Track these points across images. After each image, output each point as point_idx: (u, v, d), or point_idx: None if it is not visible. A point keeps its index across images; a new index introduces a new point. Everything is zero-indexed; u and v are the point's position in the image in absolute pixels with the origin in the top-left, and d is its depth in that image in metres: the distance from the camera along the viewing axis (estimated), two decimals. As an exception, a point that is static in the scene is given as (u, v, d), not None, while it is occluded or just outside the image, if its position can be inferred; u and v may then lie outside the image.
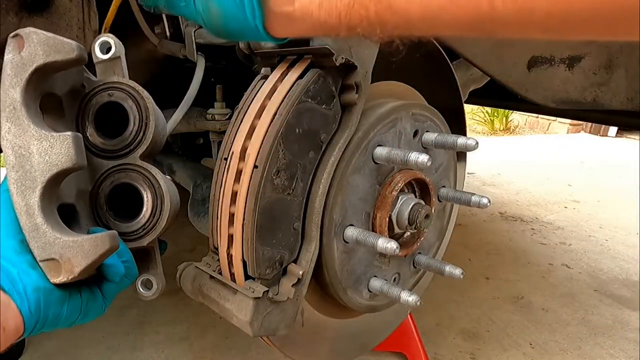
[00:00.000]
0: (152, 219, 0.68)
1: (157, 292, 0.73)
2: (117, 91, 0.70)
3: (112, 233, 0.57)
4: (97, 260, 0.55)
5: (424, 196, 0.95)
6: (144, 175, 0.69)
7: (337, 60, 0.68)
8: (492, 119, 7.67)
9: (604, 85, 1.32)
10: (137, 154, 0.69)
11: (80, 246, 0.55)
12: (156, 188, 0.68)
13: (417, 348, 1.59)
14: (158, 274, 0.74)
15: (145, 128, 0.69)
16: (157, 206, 0.68)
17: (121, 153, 0.70)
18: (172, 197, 0.69)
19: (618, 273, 2.48)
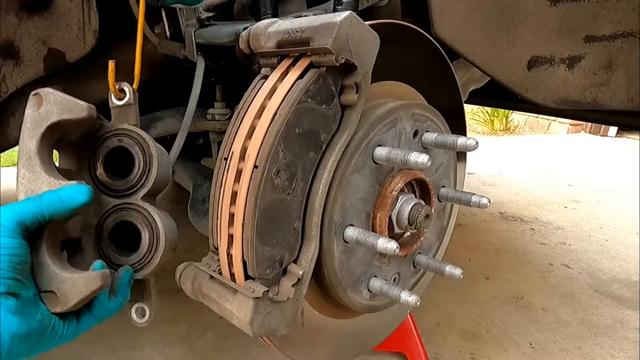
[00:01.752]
0: (148, 255, 0.75)
1: (149, 320, 0.79)
2: (126, 137, 0.78)
3: (104, 273, 0.64)
4: (89, 296, 0.62)
5: (424, 196, 0.95)
6: (143, 215, 0.76)
7: (337, 60, 0.68)
8: (492, 119, 7.68)
9: (604, 85, 1.32)
10: (139, 195, 0.77)
11: (75, 282, 0.62)
12: (153, 227, 0.75)
13: (417, 348, 1.59)
14: (151, 304, 0.80)
15: (149, 172, 0.77)
16: (153, 244, 0.75)
17: (126, 193, 0.77)
18: (168, 235, 0.76)
19: (618, 273, 2.48)
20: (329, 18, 0.68)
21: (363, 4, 1.02)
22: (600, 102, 1.33)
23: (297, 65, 0.73)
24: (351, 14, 0.68)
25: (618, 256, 2.70)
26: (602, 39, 1.27)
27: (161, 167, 0.78)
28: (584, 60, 1.28)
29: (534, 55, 1.22)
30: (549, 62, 1.25)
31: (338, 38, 0.67)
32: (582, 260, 2.63)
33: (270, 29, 0.75)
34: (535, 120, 7.71)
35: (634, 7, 1.24)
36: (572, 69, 1.28)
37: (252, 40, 0.77)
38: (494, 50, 1.17)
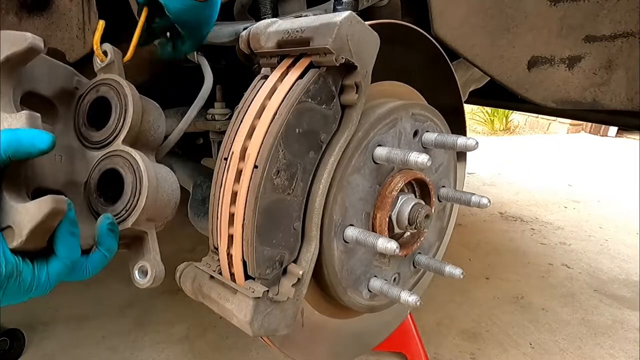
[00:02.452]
0: (133, 199, 0.70)
1: (152, 278, 0.72)
2: (103, 86, 0.77)
3: (59, 197, 0.58)
4: (42, 221, 0.56)
5: (424, 196, 0.95)
6: (125, 158, 0.72)
7: (337, 60, 0.68)
8: (492, 119, 7.68)
9: (604, 85, 1.32)
10: (119, 140, 0.74)
11: (27, 209, 0.57)
12: (135, 170, 0.71)
13: (417, 348, 1.59)
14: (152, 260, 0.74)
15: (125, 114, 0.74)
16: (136, 186, 0.70)
17: (107, 142, 0.75)
18: (151, 176, 0.71)
19: (618, 273, 2.48)
20: (329, 18, 0.68)
21: (363, 4, 1.02)
22: (600, 102, 1.33)
23: (297, 65, 0.73)
24: (351, 14, 0.68)
25: (618, 256, 2.70)
26: (602, 39, 1.27)
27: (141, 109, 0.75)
28: (584, 60, 1.28)
29: (534, 55, 1.22)
30: (549, 62, 1.25)
31: (338, 38, 0.67)
32: (582, 260, 2.63)
33: (270, 29, 0.75)
34: (535, 120, 7.71)
35: (634, 7, 1.24)
36: (572, 69, 1.28)
37: (252, 40, 0.77)
38: (494, 50, 1.17)
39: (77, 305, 2.04)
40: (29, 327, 1.83)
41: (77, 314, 1.98)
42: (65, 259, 0.61)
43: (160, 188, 0.73)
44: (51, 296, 2.09)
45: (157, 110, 0.84)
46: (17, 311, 1.98)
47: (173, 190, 0.77)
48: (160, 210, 0.74)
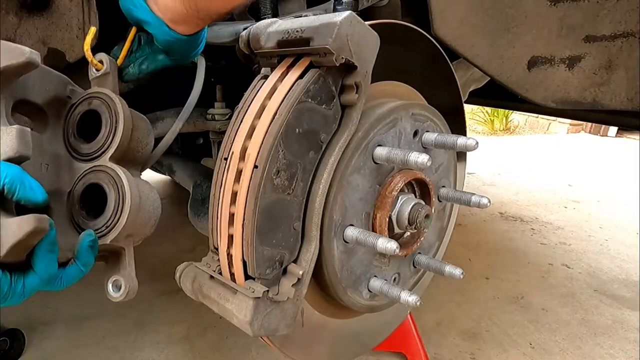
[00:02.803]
0: (114, 216, 0.71)
1: (125, 293, 0.74)
2: (95, 99, 0.77)
3: (41, 216, 0.59)
4: (23, 240, 0.57)
5: (424, 196, 0.95)
6: (109, 175, 0.73)
7: (337, 60, 0.68)
8: (492, 119, 7.68)
9: (604, 85, 1.32)
10: (107, 155, 0.75)
11: (9, 226, 0.57)
12: (119, 187, 0.72)
13: (417, 348, 1.59)
14: (127, 276, 0.75)
15: (115, 131, 0.75)
16: (118, 205, 0.71)
17: (95, 156, 0.76)
18: (134, 194, 0.72)
19: (618, 273, 2.48)
20: (329, 18, 0.68)
21: (363, 4, 1.02)
22: (600, 102, 1.33)
23: (297, 65, 0.74)
24: (351, 14, 0.68)
25: (618, 256, 2.70)
26: (602, 39, 1.27)
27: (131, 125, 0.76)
28: (584, 60, 1.28)
29: (534, 55, 1.22)
30: (549, 62, 1.25)
31: (338, 38, 0.67)
32: (582, 260, 2.63)
33: (270, 29, 0.75)
34: (535, 120, 7.71)
35: (634, 7, 1.24)
36: (572, 69, 1.28)
37: (252, 40, 0.77)
38: (494, 50, 1.17)
39: (77, 305, 2.04)
40: (29, 327, 1.83)
41: (77, 314, 1.98)
42: (43, 274, 0.63)
43: (142, 206, 0.74)
44: (51, 296, 2.09)
45: (147, 126, 0.85)
46: (17, 311, 1.98)
47: (154, 208, 0.79)
48: (140, 227, 0.76)
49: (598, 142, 6.55)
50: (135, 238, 0.78)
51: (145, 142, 0.83)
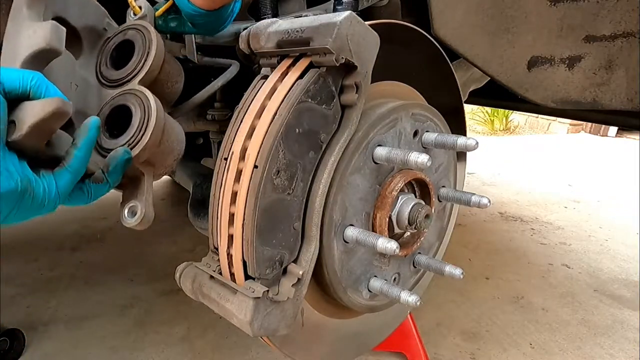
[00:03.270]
0: (138, 133, 0.71)
1: (140, 218, 0.72)
2: (131, 30, 0.80)
3: (65, 100, 0.59)
4: (45, 119, 0.57)
5: (424, 196, 0.95)
6: (137, 96, 0.74)
7: (337, 60, 0.68)
8: (492, 119, 7.68)
9: (604, 85, 1.32)
10: (136, 80, 0.76)
11: (32, 106, 0.58)
12: (145, 106, 0.72)
13: (417, 348, 1.59)
14: (144, 201, 0.74)
15: (147, 57, 0.77)
16: (143, 122, 0.71)
17: (124, 81, 0.77)
18: (159, 116, 0.72)
19: (618, 273, 2.48)
20: (329, 18, 0.68)
21: (363, 4, 1.02)
22: (600, 102, 1.33)
23: (297, 65, 0.74)
24: (351, 14, 0.68)
25: (618, 256, 2.70)
26: (602, 39, 1.27)
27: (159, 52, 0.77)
28: (584, 60, 1.28)
29: (534, 55, 1.22)
30: (549, 62, 1.24)
31: (338, 38, 0.67)
32: (582, 260, 2.63)
33: (270, 29, 0.75)
34: (535, 120, 7.72)
35: (634, 7, 1.24)
36: (572, 69, 1.28)
37: (252, 40, 0.77)
38: (494, 50, 1.17)
39: (77, 305, 2.04)
40: (29, 327, 1.83)
41: (77, 314, 1.98)
42: (73, 169, 0.63)
43: (166, 133, 0.75)
44: (51, 296, 2.09)
45: (178, 66, 0.86)
46: (17, 311, 1.98)
47: (179, 141, 0.79)
48: (162, 155, 0.76)
49: (598, 142, 6.55)
50: (156, 168, 0.77)
51: (175, 79, 0.84)
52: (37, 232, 2.89)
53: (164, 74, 0.81)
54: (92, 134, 0.66)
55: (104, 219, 3.12)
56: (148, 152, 0.72)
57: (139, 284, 2.23)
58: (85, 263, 2.47)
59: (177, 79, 0.86)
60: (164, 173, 0.80)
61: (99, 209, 3.30)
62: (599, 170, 4.83)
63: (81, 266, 2.43)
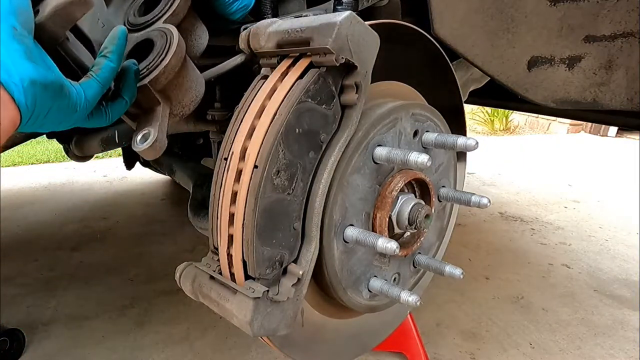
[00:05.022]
0: (158, 58, 0.71)
1: (151, 142, 0.70)
2: None
3: None
4: (68, 2, 0.60)
5: (424, 196, 0.95)
6: (161, 31, 0.75)
7: (337, 60, 0.68)
8: (492, 119, 7.67)
9: (604, 85, 1.32)
10: (161, 20, 0.78)
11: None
12: (168, 36, 0.73)
13: (417, 348, 1.59)
14: (158, 127, 0.72)
15: (172, 3, 0.79)
16: (164, 47, 0.72)
17: (150, 23, 0.79)
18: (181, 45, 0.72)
19: (618, 273, 2.48)
20: (329, 18, 0.68)
21: (363, 4, 1.02)
22: (600, 102, 1.33)
23: (297, 65, 0.73)
24: (351, 14, 0.68)
25: (618, 256, 2.70)
26: (602, 39, 1.27)
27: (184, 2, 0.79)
28: (584, 60, 1.28)
29: (534, 55, 1.22)
30: (549, 62, 1.24)
31: (338, 38, 0.67)
32: (582, 260, 2.63)
33: (270, 29, 0.75)
34: (535, 120, 7.71)
35: (634, 7, 1.24)
36: (572, 69, 1.28)
37: (252, 40, 0.77)
38: (494, 50, 1.17)
39: (77, 305, 2.05)
40: (29, 327, 1.83)
41: (77, 314, 1.98)
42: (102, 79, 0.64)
43: (185, 68, 0.75)
44: (51, 296, 2.09)
45: (202, 26, 0.87)
46: (17, 311, 1.98)
47: (198, 82, 0.80)
48: (180, 89, 0.75)
49: (598, 142, 6.55)
50: (173, 104, 0.76)
51: (198, 34, 0.86)
52: (37, 232, 2.89)
53: (189, 23, 0.83)
54: (120, 43, 0.66)
55: (104, 219, 3.13)
56: (166, 78, 0.71)
57: (139, 284, 2.24)
58: (85, 263, 2.47)
59: (200, 35, 0.87)
60: (180, 114, 0.78)
61: (99, 209, 3.30)
62: (599, 170, 4.83)
63: (81, 266, 2.43)
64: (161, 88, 0.72)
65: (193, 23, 0.85)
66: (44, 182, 4.12)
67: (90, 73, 0.64)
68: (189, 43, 0.85)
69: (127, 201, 3.49)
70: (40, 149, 5.41)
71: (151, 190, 3.77)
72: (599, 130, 6.93)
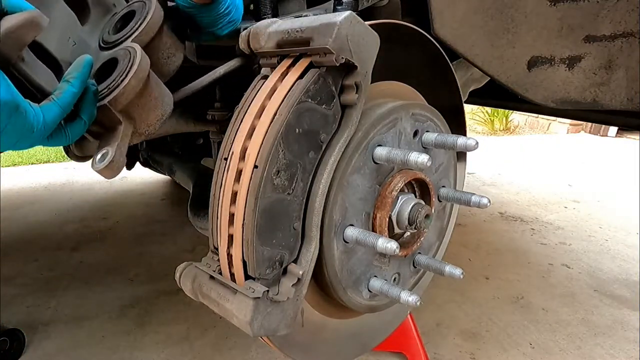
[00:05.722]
0: (119, 78, 0.72)
1: (108, 162, 0.70)
2: (136, 3, 0.84)
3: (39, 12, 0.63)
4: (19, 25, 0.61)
5: (424, 196, 0.95)
6: (127, 50, 0.75)
7: (337, 60, 0.68)
8: (492, 119, 7.67)
9: (604, 85, 1.32)
10: (130, 40, 0.78)
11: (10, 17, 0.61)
12: (132, 55, 0.73)
13: (417, 348, 1.59)
14: (117, 147, 0.73)
15: (144, 20, 0.80)
16: (126, 67, 0.72)
17: (120, 41, 0.80)
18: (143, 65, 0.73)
19: (618, 273, 2.48)
20: (328, 18, 0.68)
21: (363, 4, 1.02)
22: (600, 102, 1.33)
23: (297, 65, 0.73)
24: (351, 14, 0.68)
25: (618, 256, 2.70)
26: (602, 39, 1.26)
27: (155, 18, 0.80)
28: (584, 60, 1.28)
29: (534, 55, 1.22)
30: (549, 62, 1.24)
31: (338, 38, 0.67)
32: (582, 260, 2.63)
33: (270, 29, 0.75)
34: (535, 120, 7.71)
35: (634, 7, 1.24)
36: (572, 69, 1.28)
37: (252, 40, 0.77)
38: (494, 50, 1.17)
39: (77, 305, 2.05)
40: (29, 327, 1.83)
41: (77, 314, 1.98)
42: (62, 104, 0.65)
43: (150, 86, 0.76)
44: (51, 296, 2.09)
45: (175, 40, 0.88)
46: (17, 311, 1.98)
47: (165, 102, 0.80)
48: (143, 109, 0.76)
49: (598, 142, 6.55)
50: (137, 123, 0.76)
51: (171, 51, 0.87)
52: (37, 232, 2.89)
53: (160, 42, 0.83)
54: (85, 71, 0.67)
55: (104, 219, 3.13)
56: (126, 98, 0.71)
57: (139, 284, 2.24)
58: (85, 263, 2.47)
59: (173, 52, 0.88)
60: (146, 133, 0.79)
61: (99, 209, 3.30)
62: (599, 170, 4.83)
63: (81, 266, 2.43)
64: (122, 108, 0.72)
65: (165, 41, 0.85)
66: (44, 182, 4.12)
67: (52, 97, 0.65)
68: (160, 61, 0.85)
69: (127, 201, 3.49)
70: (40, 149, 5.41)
71: (151, 190, 3.77)
72: (599, 130, 6.93)
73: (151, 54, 0.79)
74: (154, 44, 0.82)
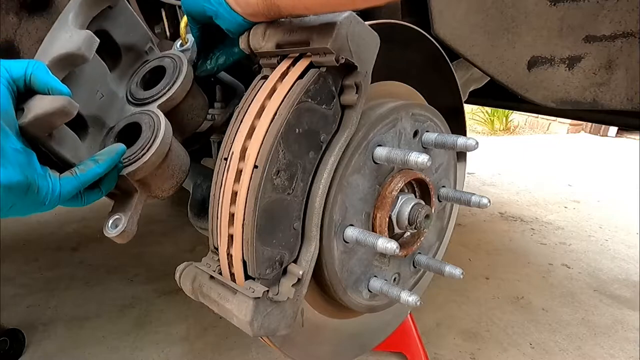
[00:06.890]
0: (140, 151, 0.73)
1: (120, 231, 0.73)
2: (167, 58, 0.85)
3: (70, 100, 0.63)
4: (49, 113, 0.62)
5: (424, 196, 0.95)
6: (151, 117, 0.76)
7: (337, 60, 0.68)
8: (492, 119, 7.67)
9: (604, 85, 1.32)
10: (157, 102, 0.79)
11: (42, 100, 0.63)
12: (156, 128, 0.74)
13: (417, 348, 1.59)
14: (129, 217, 0.75)
15: (173, 84, 0.80)
16: (149, 141, 0.73)
17: (147, 102, 0.80)
18: (165, 140, 0.74)
19: (618, 273, 2.48)
20: (328, 18, 0.68)
21: (363, 4, 1.02)
22: (600, 102, 1.33)
23: (297, 65, 0.73)
24: (351, 14, 0.68)
25: (618, 256, 2.70)
26: (602, 39, 1.27)
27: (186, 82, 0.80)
28: (584, 60, 1.28)
29: (534, 55, 1.22)
30: (549, 62, 1.25)
31: (338, 38, 0.67)
32: (582, 260, 2.63)
33: (270, 29, 0.75)
34: (535, 120, 7.71)
35: (634, 7, 1.24)
36: (572, 69, 1.28)
37: (252, 40, 0.77)
38: (494, 50, 1.17)
39: (77, 305, 2.04)
40: (29, 327, 1.83)
41: (77, 314, 1.98)
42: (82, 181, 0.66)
43: (169, 159, 0.77)
44: (51, 296, 2.09)
45: (204, 101, 0.89)
46: (17, 311, 1.98)
47: (181, 170, 0.81)
48: (160, 179, 0.77)
49: (598, 142, 6.55)
50: (152, 190, 0.78)
51: (197, 112, 0.87)
52: (37, 232, 2.89)
53: (186, 105, 0.84)
54: (115, 158, 0.69)
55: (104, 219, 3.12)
56: (145, 172, 0.73)
57: (139, 284, 2.23)
58: (85, 263, 2.47)
59: (198, 113, 0.89)
60: (160, 196, 0.81)
61: (99, 209, 3.30)
62: (599, 170, 4.83)
63: (81, 266, 2.43)
64: (139, 179, 0.74)
65: (191, 103, 0.86)
66: (44, 182, 4.11)
67: (75, 170, 0.66)
68: (183, 122, 0.86)
69: (127, 201, 3.48)
70: (40, 149, 5.40)
71: (151, 190, 3.76)
72: (599, 130, 6.92)
73: (175, 116, 0.81)
74: (181, 107, 0.83)
